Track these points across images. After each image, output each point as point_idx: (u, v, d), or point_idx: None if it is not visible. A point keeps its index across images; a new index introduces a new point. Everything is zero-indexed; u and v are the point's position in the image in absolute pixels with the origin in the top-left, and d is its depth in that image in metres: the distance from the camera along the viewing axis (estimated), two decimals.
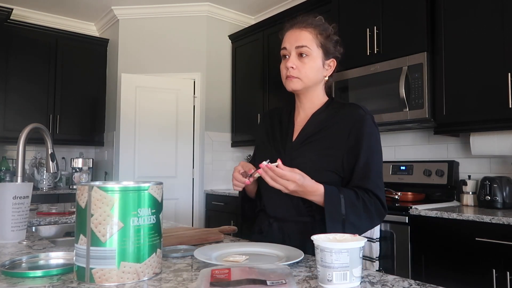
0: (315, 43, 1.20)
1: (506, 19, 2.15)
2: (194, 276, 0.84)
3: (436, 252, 2.08)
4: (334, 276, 0.74)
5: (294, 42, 1.19)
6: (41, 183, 4.03)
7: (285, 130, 1.29)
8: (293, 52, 1.19)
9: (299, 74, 1.19)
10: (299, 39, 1.19)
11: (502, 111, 2.14)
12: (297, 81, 1.20)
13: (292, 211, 1.19)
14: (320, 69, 1.22)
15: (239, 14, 4.37)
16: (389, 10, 2.63)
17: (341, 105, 1.26)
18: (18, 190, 1.22)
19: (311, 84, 1.22)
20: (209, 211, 3.94)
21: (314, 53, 1.19)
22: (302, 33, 1.20)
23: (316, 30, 1.21)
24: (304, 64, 1.19)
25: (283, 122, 1.33)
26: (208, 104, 4.14)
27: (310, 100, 1.27)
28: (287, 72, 1.20)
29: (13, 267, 0.89)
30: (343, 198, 1.10)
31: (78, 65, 4.27)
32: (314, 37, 1.20)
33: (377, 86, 2.64)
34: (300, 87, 1.21)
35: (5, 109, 3.82)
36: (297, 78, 1.20)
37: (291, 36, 1.21)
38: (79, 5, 4.16)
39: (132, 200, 0.79)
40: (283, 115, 1.35)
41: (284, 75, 1.22)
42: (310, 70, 1.19)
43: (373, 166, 1.16)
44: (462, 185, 2.46)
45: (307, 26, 1.20)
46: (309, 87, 1.22)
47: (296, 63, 1.19)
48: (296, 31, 1.21)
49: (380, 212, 1.14)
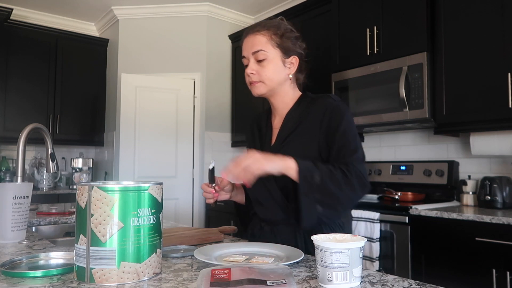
0: (271, 44, 1.20)
1: (506, 19, 2.15)
2: (194, 276, 0.84)
3: (436, 252, 2.08)
4: (334, 276, 0.74)
5: (250, 48, 1.20)
6: (41, 183, 4.03)
7: (264, 135, 1.32)
8: (251, 58, 1.20)
9: (261, 78, 1.20)
10: (254, 44, 1.20)
11: (502, 111, 2.14)
12: (260, 85, 1.21)
13: (281, 214, 1.19)
14: (281, 69, 1.22)
15: (239, 14, 4.37)
16: (389, 10, 2.63)
17: (312, 99, 1.26)
18: (18, 190, 1.22)
19: (275, 85, 1.22)
20: (209, 211, 3.94)
21: (271, 55, 1.19)
22: (256, 37, 1.20)
23: (270, 31, 1.21)
24: (263, 68, 1.19)
25: (262, 128, 1.34)
26: (208, 104, 4.14)
27: (281, 100, 1.27)
28: (249, 78, 1.21)
29: (13, 267, 0.89)
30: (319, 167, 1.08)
31: (78, 65, 4.27)
32: (268, 38, 1.20)
33: (377, 86, 2.64)
34: (264, 90, 1.22)
35: (5, 109, 3.82)
36: (260, 83, 1.20)
37: (247, 43, 1.22)
38: (79, 5, 4.15)
39: (132, 200, 0.79)
40: (261, 121, 1.37)
41: (248, 82, 1.23)
42: (270, 72, 1.20)
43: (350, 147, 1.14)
44: (462, 185, 2.46)
45: (260, 30, 1.21)
46: (274, 88, 1.23)
47: (256, 68, 1.19)
48: (251, 37, 1.22)
49: (363, 183, 1.10)
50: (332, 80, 2.93)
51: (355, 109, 2.76)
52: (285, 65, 1.22)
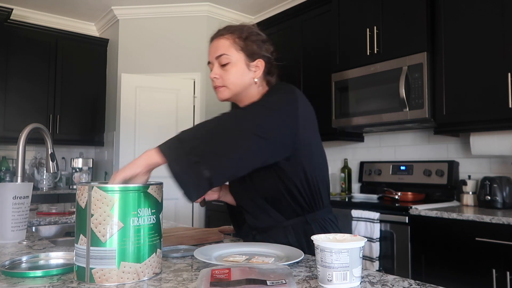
0: (234, 48, 1.18)
1: (506, 19, 2.15)
2: (194, 276, 0.84)
3: (436, 252, 2.08)
4: (334, 276, 0.74)
5: (213, 53, 1.19)
6: (41, 183, 4.03)
7: None
8: (215, 63, 1.19)
9: (224, 82, 1.17)
10: (217, 48, 1.19)
11: (502, 111, 2.14)
12: (224, 89, 1.18)
13: (269, 220, 1.19)
14: (245, 73, 1.18)
15: (239, 14, 4.37)
16: (389, 10, 2.63)
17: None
18: (18, 190, 1.22)
19: (240, 89, 1.19)
20: (209, 211, 3.94)
21: (234, 59, 1.17)
22: (219, 41, 1.19)
23: (233, 35, 1.19)
24: (226, 72, 1.17)
25: None
26: (208, 104, 4.14)
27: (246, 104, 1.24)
28: (213, 83, 1.20)
29: (13, 267, 0.89)
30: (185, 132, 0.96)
31: (78, 65, 4.27)
32: (232, 42, 1.18)
33: (377, 86, 2.64)
34: (228, 95, 1.19)
35: (5, 109, 3.82)
36: (223, 87, 1.18)
37: (211, 48, 1.21)
38: (79, 5, 4.15)
39: (132, 200, 0.79)
40: None
41: (213, 87, 1.22)
42: (233, 76, 1.17)
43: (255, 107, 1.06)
44: (462, 185, 2.46)
45: (224, 34, 1.19)
46: (239, 93, 1.20)
47: (219, 72, 1.17)
48: (215, 41, 1.20)
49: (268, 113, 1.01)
50: (332, 80, 2.93)
51: (355, 109, 2.76)
52: (250, 68, 1.19)
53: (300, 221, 1.17)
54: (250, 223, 1.25)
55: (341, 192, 3.23)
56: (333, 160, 3.46)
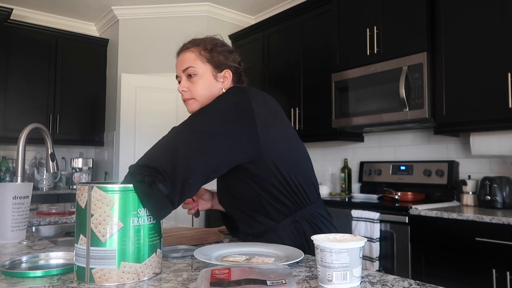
0: (200, 60, 1.19)
1: (506, 19, 2.15)
2: (194, 276, 0.84)
3: (436, 252, 2.08)
4: (334, 276, 0.74)
5: (180, 67, 1.21)
6: (41, 183, 4.03)
7: None
8: (183, 76, 1.20)
9: (192, 94, 1.19)
10: (183, 61, 1.21)
11: (502, 111, 2.14)
12: (193, 101, 1.19)
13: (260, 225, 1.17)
14: (212, 84, 1.20)
15: (239, 14, 4.37)
16: (389, 10, 2.63)
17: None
18: (18, 190, 1.22)
19: (209, 100, 1.18)
20: (209, 211, 3.94)
21: (200, 71, 1.19)
22: (185, 55, 1.21)
23: (198, 47, 1.21)
24: (193, 84, 1.18)
25: None
26: None
27: None
28: (182, 96, 1.21)
29: (13, 267, 0.89)
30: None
31: (78, 65, 4.27)
32: (197, 55, 1.20)
33: (377, 86, 2.64)
34: (197, 106, 1.19)
35: (5, 109, 3.82)
36: (192, 99, 1.19)
37: (178, 62, 1.23)
38: (79, 5, 4.15)
39: (132, 200, 0.79)
40: None
41: (182, 100, 1.23)
42: (201, 88, 1.18)
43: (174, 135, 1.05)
44: (462, 185, 2.46)
45: (189, 47, 1.22)
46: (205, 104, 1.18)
47: (187, 85, 1.19)
48: (181, 55, 1.23)
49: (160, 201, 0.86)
50: (332, 80, 2.93)
51: (355, 109, 2.76)
52: (217, 79, 1.20)
53: (290, 221, 1.15)
54: (244, 230, 1.24)
55: (341, 192, 3.23)
56: (333, 160, 3.46)
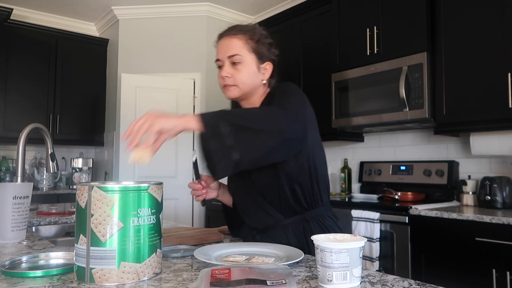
0: (246, 48, 1.20)
1: (506, 19, 2.15)
2: (194, 276, 0.84)
3: (436, 252, 2.08)
4: (334, 276, 0.74)
5: (225, 52, 1.20)
6: (41, 183, 4.03)
7: None
8: (226, 62, 1.20)
9: (235, 81, 1.19)
10: (229, 48, 1.19)
11: (502, 111, 2.14)
12: (235, 88, 1.20)
13: (268, 219, 1.19)
14: (255, 74, 1.21)
15: (239, 14, 4.37)
16: (389, 10, 2.63)
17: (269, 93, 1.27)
18: (18, 190, 1.22)
19: (249, 89, 1.22)
20: (209, 211, 3.94)
21: (246, 59, 1.19)
22: (232, 41, 1.20)
23: (246, 35, 1.20)
24: (238, 72, 1.19)
25: None
26: (208, 104, 4.14)
27: (252, 104, 1.26)
28: (223, 81, 1.21)
29: (13, 267, 0.89)
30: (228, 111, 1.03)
31: (78, 65, 4.27)
32: (244, 43, 1.19)
33: (377, 86, 2.64)
34: (238, 94, 1.21)
35: (5, 109, 3.82)
36: (234, 86, 1.20)
37: (222, 46, 1.21)
38: (79, 5, 4.15)
39: (132, 200, 0.79)
40: None
41: (221, 85, 1.23)
42: (245, 76, 1.19)
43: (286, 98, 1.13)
44: (462, 185, 2.46)
45: (236, 33, 1.20)
46: (247, 92, 1.22)
47: (231, 71, 1.19)
48: (226, 40, 1.21)
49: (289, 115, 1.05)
50: (332, 80, 2.93)
51: (355, 109, 2.76)
52: (260, 70, 1.22)
53: (299, 219, 1.17)
54: (249, 223, 1.25)
55: (341, 192, 3.23)
56: (333, 160, 3.46)
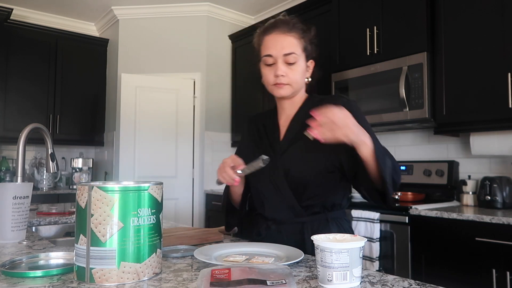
0: (300, 47, 1.18)
1: (506, 19, 2.15)
2: (194, 276, 0.84)
3: (436, 252, 2.08)
4: (334, 276, 0.74)
5: (281, 49, 1.15)
6: (41, 183, 4.03)
7: (271, 133, 1.28)
8: (280, 59, 1.16)
9: (289, 80, 1.17)
10: (286, 46, 1.15)
11: (502, 111, 2.14)
12: (288, 87, 1.18)
13: (289, 213, 1.19)
14: (304, 73, 1.21)
15: (239, 14, 4.37)
16: (389, 10, 2.63)
17: (321, 99, 1.25)
18: (18, 190, 1.22)
19: (299, 88, 1.22)
20: (209, 211, 3.94)
21: (300, 58, 1.17)
22: (288, 38, 1.16)
23: (299, 33, 1.18)
24: (292, 71, 1.16)
25: (268, 126, 1.31)
26: (208, 104, 4.14)
27: (292, 101, 1.26)
28: (276, 79, 1.17)
29: (13, 267, 0.89)
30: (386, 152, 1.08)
31: (78, 65, 4.27)
32: (298, 41, 1.17)
33: (377, 86, 2.64)
34: (290, 93, 1.20)
35: (5, 109, 3.82)
36: (288, 85, 1.17)
37: (277, 42, 1.16)
38: (79, 5, 4.15)
39: (132, 200, 0.79)
40: (266, 119, 1.34)
41: (271, 82, 1.19)
42: (298, 75, 1.18)
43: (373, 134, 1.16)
44: (462, 185, 2.46)
45: (291, 30, 1.17)
46: (296, 91, 1.22)
47: (285, 70, 1.16)
48: (281, 36, 1.17)
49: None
50: (332, 80, 2.93)
51: None
52: (306, 69, 1.21)
53: (318, 218, 1.17)
54: (268, 214, 1.24)
55: None
56: None
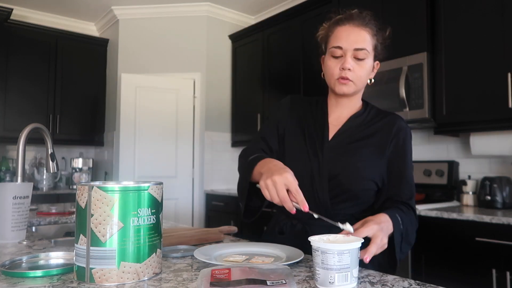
0: (372, 44, 1.11)
1: (506, 19, 2.15)
2: (194, 276, 0.84)
3: (436, 252, 2.08)
4: (336, 278, 0.73)
5: (353, 43, 1.08)
6: (41, 183, 4.03)
7: (320, 128, 1.19)
8: (349, 52, 1.08)
9: (355, 77, 1.10)
10: (358, 40, 1.08)
11: (502, 111, 2.14)
12: (351, 84, 1.11)
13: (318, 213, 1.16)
14: (370, 72, 1.15)
15: (239, 14, 4.37)
16: (389, 10, 2.62)
17: (379, 111, 1.21)
18: (18, 190, 1.22)
19: (362, 87, 1.15)
20: (209, 211, 3.94)
21: (369, 56, 1.10)
22: (362, 33, 1.09)
23: (373, 30, 1.11)
24: (360, 67, 1.09)
25: (316, 118, 1.22)
26: (208, 104, 4.14)
27: (351, 101, 1.19)
28: (342, 73, 1.09)
29: (13, 267, 0.89)
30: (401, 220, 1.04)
31: (78, 65, 4.27)
32: (371, 38, 1.10)
33: (377, 86, 2.63)
34: (352, 90, 1.12)
35: (5, 109, 3.82)
36: (351, 82, 1.10)
37: (349, 35, 1.09)
38: (79, 5, 4.15)
39: (132, 200, 0.79)
40: (314, 110, 1.24)
41: (335, 75, 1.11)
42: (364, 73, 1.11)
43: (412, 181, 1.15)
44: (462, 185, 2.46)
45: (367, 25, 1.10)
46: (359, 90, 1.15)
47: (353, 65, 1.09)
48: (355, 29, 1.10)
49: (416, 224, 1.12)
50: None
51: None
52: (372, 69, 1.15)
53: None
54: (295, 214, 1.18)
55: None
56: None
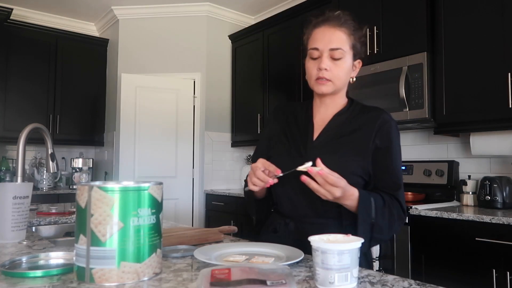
0: (348, 44, 1.13)
1: (506, 18, 2.15)
2: (194, 276, 0.84)
3: (436, 252, 2.08)
4: (336, 278, 0.73)
5: (328, 43, 1.11)
6: (41, 183, 4.02)
7: (304, 128, 1.23)
8: (325, 53, 1.12)
9: (332, 76, 1.12)
10: (333, 40, 1.11)
11: (502, 111, 2.14)
12: (330, 84, 1.14)
13: (309, 212, 1.16)
14: (349, 71, 1.17)
15: (239, 14, 4.37)
16: (389, 10, 2.63)
17: (363, 107, 1.23)
18: (18, 190, 1.22)
19: (341, 86, 1.17)
20: (209, 211, 3.94)
21: (346, 55, 1.13)
22: (336, 33, 1.12)
23: (349, 29, 1.14)
24: (337, 67, 1.12)
25: (300, 120, 1.26)
26: (208, 104, 4.14)
27: (334, 100, 1.22)
28: (319, 73, 1.13)
29: (13, 267, 0.89)
30: (373, 202, 1.07)
31: (78, 65, 4.27)
32: (347, 37, 1.13)
33: (377, 86, 2.63)
34: (331, 90, 1.15)
35: (5, 109, 3.82)
36: (329, 81, 1.13)
37: (324, 36, 1.12)
38: (79, 5, 4.15)
39: (132, 200, 0.79)
40: (298, 113, 1.28)
41: (313, 76, 1.15)
42: (342, 72, 1.14)
43: (398, 173, 1.17)
44: (462, 185, 2.46)
45: (342, 25, 1.13)
46: (338, 89, 1.17)
47: (330, 65, 1.12)
48: (329, 29, 1.13)
49: (401, 216, 1.13)
50: None
51: None
52: (352, 68, 1.18)
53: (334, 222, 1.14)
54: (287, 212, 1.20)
55: None
56: None
